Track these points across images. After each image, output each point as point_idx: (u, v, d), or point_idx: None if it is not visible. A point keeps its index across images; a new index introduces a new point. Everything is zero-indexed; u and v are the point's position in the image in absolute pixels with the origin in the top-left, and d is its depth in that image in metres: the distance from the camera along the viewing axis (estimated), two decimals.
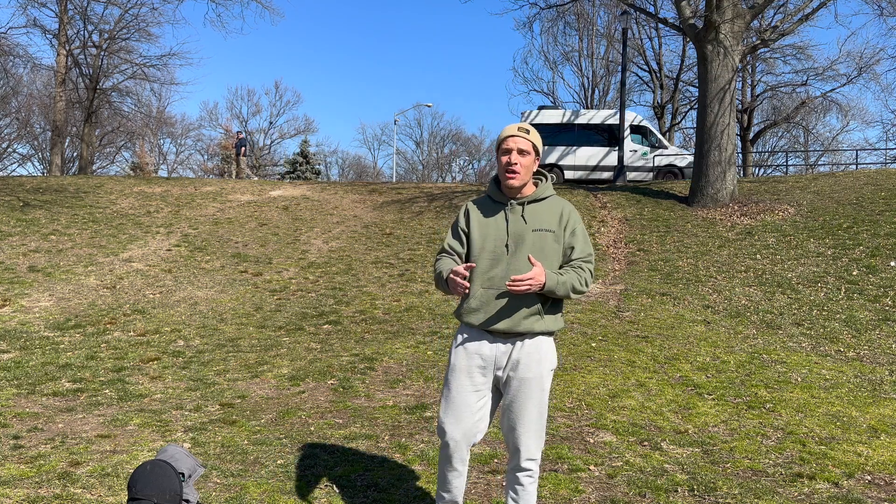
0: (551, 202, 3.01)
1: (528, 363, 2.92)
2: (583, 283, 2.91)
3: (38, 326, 8.11)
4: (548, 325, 2.95)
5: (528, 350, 2.93)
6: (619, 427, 4.96)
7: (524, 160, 2.94)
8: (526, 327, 2.91)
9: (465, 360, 2.97)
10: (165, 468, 2.72)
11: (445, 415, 2.98)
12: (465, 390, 2.96)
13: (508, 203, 2.99)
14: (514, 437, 2.95)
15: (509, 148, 2.93)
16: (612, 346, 7.14)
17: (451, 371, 2.99)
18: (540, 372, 2.94)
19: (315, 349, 7.35)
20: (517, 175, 2.93)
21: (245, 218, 14.20)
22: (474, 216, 3.03)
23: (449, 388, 2.98)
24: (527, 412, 2.93)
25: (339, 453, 4.43)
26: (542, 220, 2.96)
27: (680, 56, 31.73)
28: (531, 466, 2.99)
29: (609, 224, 13.63)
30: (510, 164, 2.92)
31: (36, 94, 41.75)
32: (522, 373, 2.92)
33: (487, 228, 2.98)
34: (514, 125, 2.99)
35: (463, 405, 2.95)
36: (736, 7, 14.02)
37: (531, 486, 3.02)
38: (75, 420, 5.19)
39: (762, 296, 9.38)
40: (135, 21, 28.45)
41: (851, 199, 13.47)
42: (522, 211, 2.98)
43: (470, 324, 2.97)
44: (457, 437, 2.96)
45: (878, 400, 5.89)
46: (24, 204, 14.28)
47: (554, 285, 2.83)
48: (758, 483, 4.08)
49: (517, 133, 2.95)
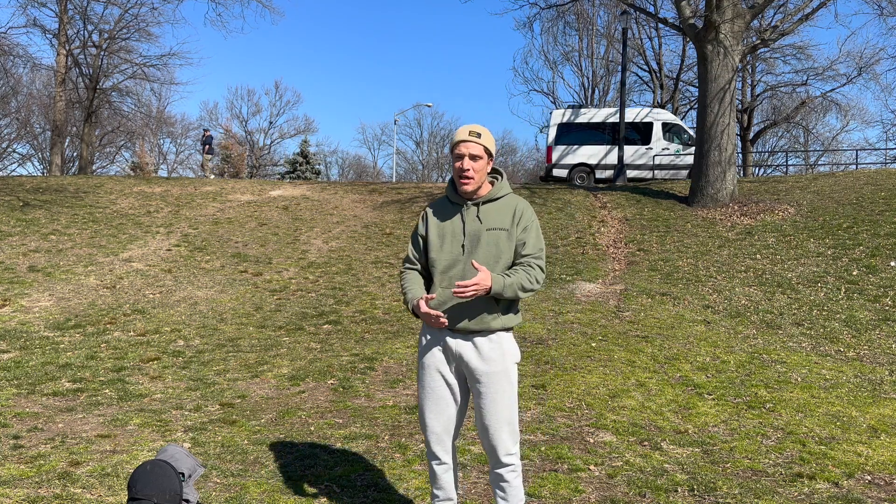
0: (506, 201, 3.07)
1: (491, 357, 2.99)
2: (532, 280, 2.95)
3: (38, 326, 8.11)
4: (504, 322, 3.01)
5: (491, 345, 3.00)
6: (619, 427, 4.96)
7: (476, 165, 2.99)
8: (484, 325, 2.97)
9: (432, 357, 3.06)
10: (165, 468, 2.72)
11: (425, 409, 3.07)
12: (440, 384, 3.05)
13: (464, 204, 3.05)
14: (489, 434, 3.01)
15: (461, 153, 2.98)
16: (612, 346, 7.14)
17: (423, 368, 3.09)
18: (504, 366, 3.01)
19: (315, 349, 7.35)
20: (470, 181, 2.99)
21: (245, 218, 14.20)
22: (431, 219, 3.11)
23: (423, 384, 3.08)
24: (497, 406, 2.99)
25: (339, 453, 4.43)
26: (496, 219, 3.02)
27: (680, 56, 31.77)
28: (511, 461, 3.05)
29: (609, 224, 13.63)
30: (463, 171, 2.98)
31: (36, 94, 41.78)
32: (488, 367, 2.98)
33: (444, 230, 3.06)
34: (465, 128, 3.03)
35: (440, 398, 3.05)
36: (736, 7, 14.02)
37: (516, 481, 3.07)
38: (75, 420, 5.19)
39: (762, 296, 9.38)
40: (135, 21, 28.47)
41: (851, 199, 13.47)
42: (478, 211, 3.04)
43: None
44: (437, 429, 3.06)
45: (878, 400, 5.89)
46: (24, 204, 14.28)
47: (500, 288, 2.88)
48: (758, 483, 4.08)
49: (468, 138, 2.99)
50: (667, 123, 21.04)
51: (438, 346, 3.05)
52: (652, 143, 20.87)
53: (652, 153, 20.73)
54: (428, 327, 3.09)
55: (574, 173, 21.01)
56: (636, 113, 21.71)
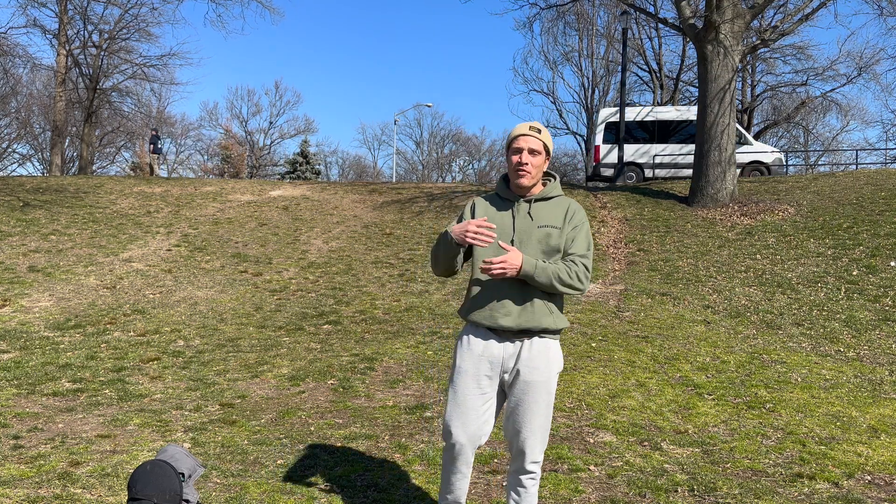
0: (558, 201, 3.00)
1: (536, 365, 2.89)
2: (573, 276, 2.83)
3: (38, 326, 8.11)
4: (556, 322, 2.90)
5: (537, 351, 2.90)
6: (619, 427, 4.96)
7: (535, 160, 2.91)
8: (534, 323, 2.86)
9: (471, 362, 2.92)
10: (165, 468, 2.72)
11: (452, 418, 2.92)
12: (472, 393, 2.91)
13: (517, 200, 2.98)
14: (520, 439, 2.92)
15: (520, 147, 2.90)
16: (612, 346, 7.14)
17: (458, 373, 2.94)
18: (548, 374, 2.91)
19: (315, 349, 7.35)
20: (528, 175, 2.91)
21: (245, 218, 14.20)
22: (480, 211, 3.01)
23: (455, 390, 2.93)
24: (533, 415, 2.89)
25: (339, 453, 4.43)
26: (547, 217, 2.94)
27: (680, 56, 31.78)
28: (535, 469, 2.97)
29: (609, 224, 13.63)
30: (521, 164, 2.89)
31: (36, 94, 41.77)
32: (530, 375, 2.88)
33: (492, 223, 2.93)
34: (525, 124, 2.96)
35: (470, 408, 2.91)
36: (736, 7, 14.02)
37: (533, 489, 3.01)
38: (75, 420, 5.19)
39: (762, 296, 9.38)
40: (135, 21, 28.48)
41: (851, 199, 13.47)
42: (529, 209, 2.95)
43: (476, 322, 2.93)
44: (462, 440, 2.91)
45: (878, 400, 5.89)
46: (24, 204, 14.28)
47: (532, 270, 2.78)
48: (758, 483, 4.08)
49: (528, 132, 2.92)
50: None
51: (480, 350, 2.92)
52: None
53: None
54: (471, 328, 2.96)
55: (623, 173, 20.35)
56: (686, 111, 21.16)
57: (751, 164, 19.84)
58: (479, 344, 2.93)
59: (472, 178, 59.33)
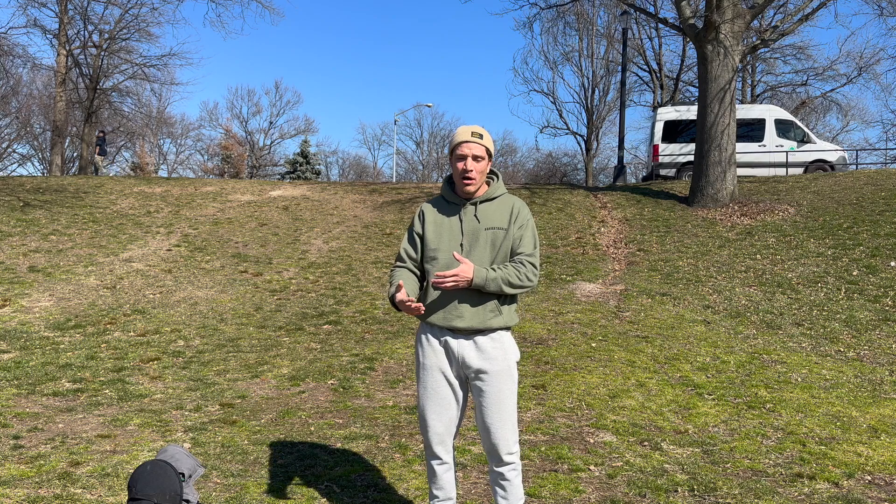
0: (503, 200, 3.09)
1: (493, 356, 3.00)
2: (522, 277, 2.96)
3: (38, 326, 8.11)
4: (505, 321, 3.02)
5: (493, 344, 3.02)
6: (619, 427, 4.96)
7: (479, 166, 3.01)
8: (484, 324, 2.98)
9: (433, 356, 3.06)
10: (165, 468, 2.72)
11: (426, 407, 3.07)
12: (442, 384, 3.05)
13: (463, 203, 3.07)
14: (491, 432, 3.02)
15: (464, 154, 2.99)
16: (612, 346, 7.14)
17: (423, 369, 3.09)
18: (507, 364, 3.03)
19: (315, 349, 7.35)
20: (473, 181, 3.01)
21: (245, 218, 14.20)
22: (429, 217, 3.11)
23: (425, 384, 3.07)
24: (500, 405, 3.01)
25: (339, 453, 4.43)
26: (494, 218, 3.04)
27: (680, 56, 31.79)
28: (512, 460, 3.06)
29: (609, 224, 13.63)
30: (466, 171, 2.99)
31: (36, 94, 41.78)
32: (490, 366, 3.00)
33: (442, 228, 3.07)
34: (467, 129, 3.04)
35: (442, 397, 3.05)
36: (736, 7, 14.02)
37: (516, 479, 3.09)
38: (75, 420, 5.19)
39: (762, 296, 9.38)
40: (135, 21, 28.48)
41: (851, 199, 13.47)
42: (476, 211, 3.05)
43: (431, 323, 3.05)
44: (440, 428, 3.05)
45: (878, 400, 5.89)
46: (24, 204, 14.28)
47: (482, 281, 2.90)
48: (758, 483, 4.08)
49: (471, 139, 3.00)
50: (780, 120, 20.08)
51: (439, 346, 3.05)
52: (765, 140, 19.92)
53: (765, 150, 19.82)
54: (427, 327, 3.10)
55: (683, 172, 19.99)
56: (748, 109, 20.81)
57: (815, 163, 19.46)
58: (436, 341, 3.06)
59: None
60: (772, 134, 19.91)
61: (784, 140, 19.94)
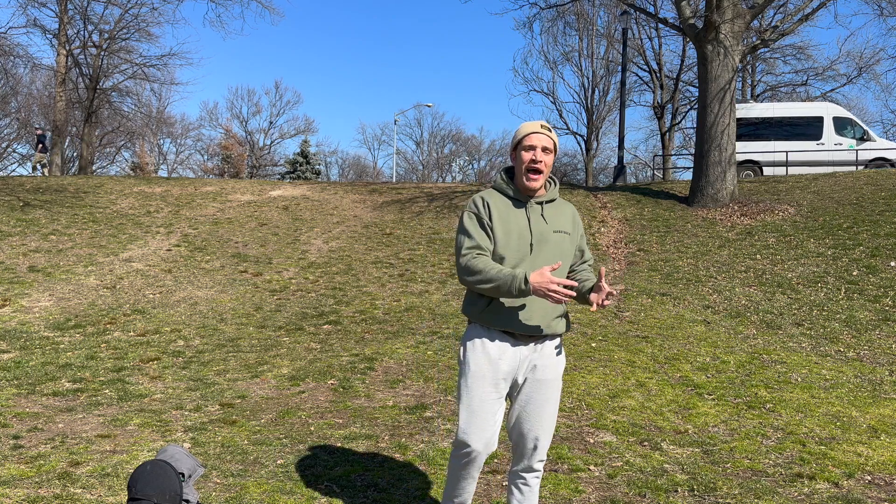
0: (561, 204, 3.02)
1: (548, 365, 2.90)
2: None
3: (38, 326, 8.11)
4: (567, 325, 2.99)
5: (549, 352, 2.91)
6: (619, 427, 4.96)
7: (548, 158, 2.85)
8: (553, 329, 2.87)
9: (488, 366, 2.83)
10: (165, 468, 2.72)
11: (469, 425, 2.83)
12: (489, 398, 2.84)
13: (528, 202, 2.91)
14: (531, 438, 2.91)
15: (533, 145, 2.83)
16: (612, 346, 7.14)
17: (473, 378, 2.84)
18: (558, 373, 2.94)
19: (315, 349, 7.35)
20: (541, 175, 2.85)
21: (245, 218, 14.20)
22: (496, 211, 2.87)
23: (471, 396, 2.83)
24: (545, 414, 2.91)
25: (339, 453, 4.43)
26: (559, 221, 2.93)
27: (680, 56, 31.73)
28: (541, 467, 3.02)
29: (609, 224, 13.63)
30: (535, 162, 2.82)
31: (36, 94, 41.77)
32: (543, 374, 2.89)
33: (510, 225, 2.86)
34: (535, 122, 2.90)
35: (487, 414, 2.84)
36: (736, 7, 14.02)
37: (536, 486, 3.04)
38: (75, 420, 5.19)
39: (762, 296, 9.38)
40: (135, 21, 28.44)
41: (851, 199, 13.47)
42: (542, 211, 2.91)
43: (492, 326, 2.85)
44: (479, 448, 2.85)
45: (878, 400, 5.89)
46: (24, 204, 14.28)
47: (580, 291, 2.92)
48: (758, 483, 4.08)
49: (541, 130, 2.85)
50: (838, 118, 19.77)
51: (497, 353, 2.84)
52: (823, 138, 19.63)
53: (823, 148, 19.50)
54: (483, 331, 2.87)
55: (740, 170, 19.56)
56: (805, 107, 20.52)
57: (875, 161, 19.14)
58: (494, 347, 2.84)
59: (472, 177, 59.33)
60: (830, 132, 19.52)
61: (842, 138, 19.54)
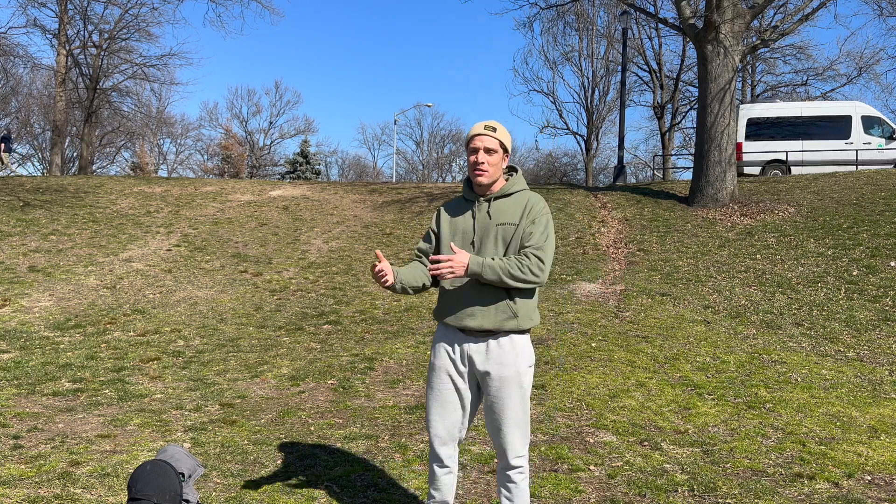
0: (518, 196, 3.05)
1: (504, 361, 2.96)
2: (525, 270, 2.86)
3: (38, 326, 8.11)
4: (520, 324, 2.96)
5: (504, 348, 2.97)
6: (619, 427, 4.96)
7: (491, 158, 2.98)
8: (497, 325, 2.94)
9: (443, 358, 3.05)
10: (165, 468, 2.72)
11: (431, 411, 3.08)
12: (447, 387, 3.04)
13: (477, 200, 3.06)
14: (500, 436, 3.00)
15: (476, 147, 2.99)
16: (612, 346, 7.14)
17: (432, 370, 3.09)
18: (517, 369, 2.98)
19: (315, 349, 7.35)
20: (485, 173, 2.99)
21: (245, 218, 14.20)
22: (444, 216, 3.12)
23: (432, 386, 3.08)
24: (509, 410, 2.98)
25: (339, 453, 4.43)
26: (506, 214, 3.00)
27: (680, 56, 31.74)
28: (520, 464, 3.04)
29: (609, 224, 13.63)
30: (477, 164, 2.98)
31: (36, 94, 41.78)
32: (500, 370, 2.96)
33: (455, 226, 3.07)
34: (481, 123, 3.03)
35: (447, 401, 3.04)
36: (736, 7, 14.02)
37: (523, 483, 3.06)
38: (75, 420, 5.19)
39: (762, 296, 9.38)
40: (135, 21, 28.44)
41: (851, 199, 13.47)
42: (488, 207, 3.03)
43: (445, 323, 3.05)
44: (442, 433, 3.05)
45: (878, 400, 5.89)
46: (24, 204, 14.28)
47: (478, 269, 2.85)
48: (758, 483, 4.08)
49: (483, 132, 3.00)
50: (867, 117, 19.53)
51: (451, 348, 3.04)
52: (851, 137, 19.42)
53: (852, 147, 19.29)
54: (442, 328, 3.09)
55: (768, 169, 19.60)
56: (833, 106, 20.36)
57: None
58: (448, 341, 3.06)
59: None
60: (858, 130, 19.36)
61: (871, 137, 19.36)
